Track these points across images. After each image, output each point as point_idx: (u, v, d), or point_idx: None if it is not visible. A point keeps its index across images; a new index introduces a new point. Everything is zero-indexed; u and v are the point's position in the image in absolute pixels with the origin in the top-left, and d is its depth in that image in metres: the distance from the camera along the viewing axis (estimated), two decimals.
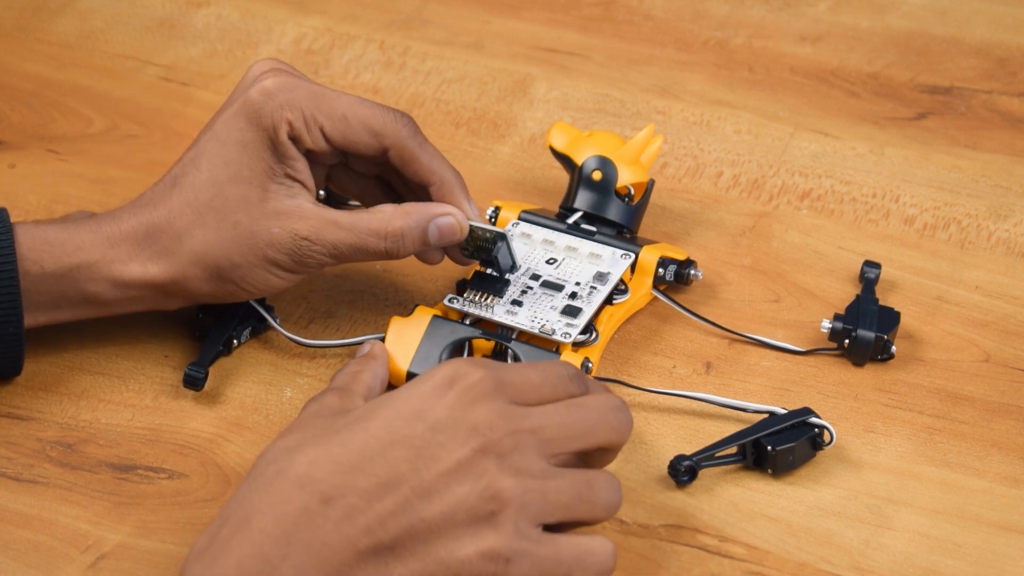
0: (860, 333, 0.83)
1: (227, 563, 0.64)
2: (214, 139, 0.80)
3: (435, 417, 0.67)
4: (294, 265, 0.80)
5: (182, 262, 0.79)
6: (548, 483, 0.67)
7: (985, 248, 0.92)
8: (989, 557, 0.74)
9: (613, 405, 0.70)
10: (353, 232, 0.80)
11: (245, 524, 0.65)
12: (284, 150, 0.79)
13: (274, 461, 0.67)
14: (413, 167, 0.82)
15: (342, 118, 0.80)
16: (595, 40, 1.09)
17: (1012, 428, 0.81)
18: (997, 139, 1.00)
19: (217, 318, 0.83)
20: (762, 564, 0.74)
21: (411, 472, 0.66)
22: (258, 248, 0.79)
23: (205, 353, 0.82)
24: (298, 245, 0.79)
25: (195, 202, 0.79)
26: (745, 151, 0.99)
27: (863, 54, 1.07)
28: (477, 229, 0.81)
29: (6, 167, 0.98)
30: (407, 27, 1.11)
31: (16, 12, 1.12)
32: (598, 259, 0.85)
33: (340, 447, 0.67)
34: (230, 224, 0.79)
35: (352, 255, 0.80)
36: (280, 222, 0.79)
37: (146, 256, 0.79)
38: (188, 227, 0.79)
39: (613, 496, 0.69)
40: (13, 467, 0.78)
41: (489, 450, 0.67)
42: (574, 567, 0.68)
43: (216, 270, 0.79)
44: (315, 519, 0.65)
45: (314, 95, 0.80)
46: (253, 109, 0.79)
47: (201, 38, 1.10)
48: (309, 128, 0.80)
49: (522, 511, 0.67)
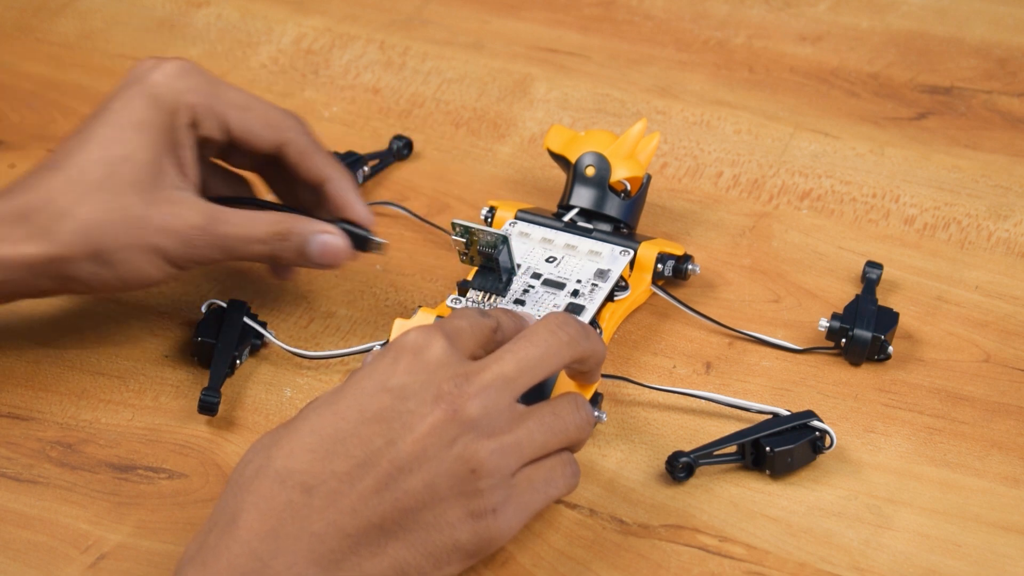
0: (857, 333, 0.83)
1: (218, 565, 0.64)
2: (107, 122, 0.78)
3: (398, 384, 0.68)
4: (179, 256, 0.78)
5: (61, 240, 0.76)
6: (519, 432, 0.69)
7: (985, 248, 0.92)
8: (989, 557, 0.74)
9: (556, 323, 0.72)
10: (241, 227, 0.79)
11: (232, 525, 0.65)
12: (180, 136, 0.79)
13: (252, 460, 0.67)
14: (308, 163, 0.81)
15: (243, 108, 0.80)
16: (595, 40, 1.09)
17: (1012, 428, 0.81)
18: (997, 139, 1.00)
19: (217, 341, 0.83)
20: (762, 564, 0.74)
21: (387, 446, 0.66)
22: (147, 233, 0.77)
23: (215, 377, 0.81)
24: (189, 235, 0.77)
25: (81, 181, 0.77)
26: (745, 151, 0.99)
27: (863, 54, 1.07)
28: (477, 232, 0.81)
29: (6, 167, 0.98)
30: (407, 27, 1.11)
31: (16, 12, 1.12)
32: (597, 256, 0.85)
33: (312, 435, 0.67)
34: (120, 205, 0.77)
35: (237, 251, 0.79)
36: (173, 210, 0.77)
37: (19, 236, 0.76)
38: (71, 206, 0.76)
39: (581, 417, 0.72)
40: (13, 467, 0.78)
41: (459, 412, 0.67)
42: (549, 490, 0.71)
43: (97, 251, 0.77)
44: (299, 511, 0.65)
45: (215, 84, 0.80)
46: (154, 91, 0.78)
47: (201, 38, 1.10)
48: (212, 114, 0.79)
49: (500, 466, 0.68)
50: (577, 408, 0.72)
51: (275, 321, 0.86)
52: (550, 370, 0.71)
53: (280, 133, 0.81)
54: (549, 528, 0.75)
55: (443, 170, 0.98)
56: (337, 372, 0.84)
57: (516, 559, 0.73)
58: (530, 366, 0.70)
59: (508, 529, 0.69)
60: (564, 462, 0.72)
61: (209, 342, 0.82)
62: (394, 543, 0.67)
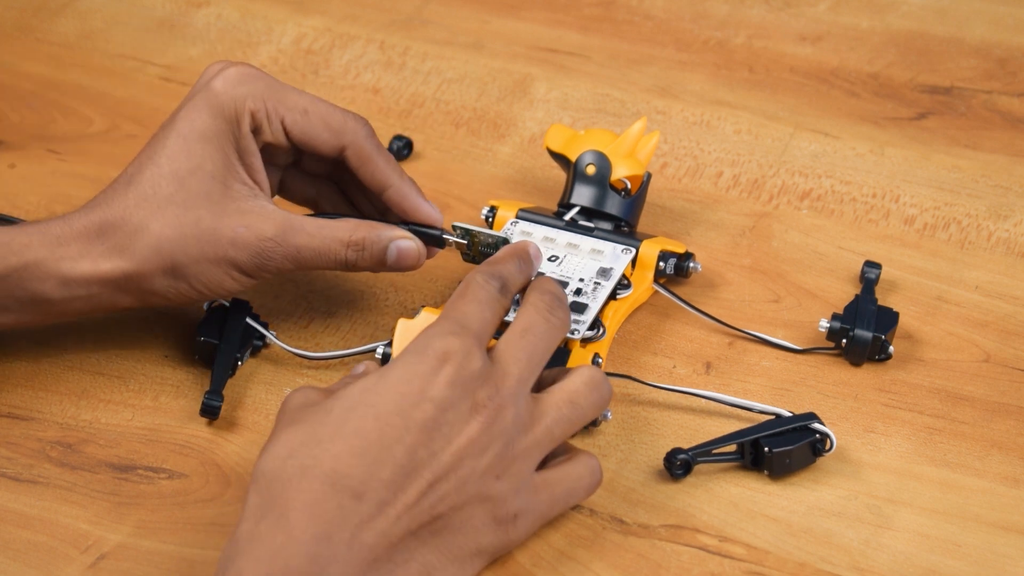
0: (857, 333, 0.83)
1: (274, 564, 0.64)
2: (174, 134, 0.79)
3: (440, 396, 0.68)
4: (252, 267, 0.79)
5: (137, 257, 0.77)
6: (538, 431, 0.71)
7: (985, 248, 0.92)
8: (989, 557, 0.74)
9: (548, 310, 0.73)
10: (316, 237, 0.79)
11: (283, 520, 0.65)
12: (246, 144, 0.79)
13: (291, 455, 0.67)
14: (369, 168, 0.81)
15: (303, 112, 0.80)
16: (595, 40, 1.09)
17: (1012, 428, 0.81)
18: (997, 139, 1.00)
19: (219, 342, 0.83)
20: (762, 564, 0.74)
21: (429, 457, 0.68)
22: (220, 246, 0.78)
23: (217, 380, 0.81)
24: (262, 246, 0.78)
25: (154, 197, 0.77)
26: (745, 151, 0.99)
27: (863, 54, 1.07)
28: (479, 235, 0.81)
29: (6, 167, 0.98)
30: (407, 27, 1.11)
31: (16, 12, 1.12)
32: (600, 255, 0.85)
33: (357, 438, 0.67)
34: (192, 220, 0.77)
35: (312, 261, 0.79)
36: (245, 221, 0.78)
37: (98, 252, 0.77)
38: (145, 221, 0.77)
39: (600, 396, 0.73)
40: (13, 467, 0.78)
41: (493, 424, 0.69)
42: (569, 498, 0.73)
43: (172, 266, 0.78)
44: (350, 517, 0.66)
45: (275, 88, 0.80)
46: (216, 100, 0.79)
47: (201, 38, 1.10)
48: (270, 120, 0.79)
49: (522, 469, 0.70)
50: (591, 390, 0.73)
51: (276, 321, 0.86)
52: (551, 354, 0.73)
53: (340, 138, 0.81)
54: (549, 528, 0.75)
55: (443, 170, 0.98)
56: (338, 372, 0.84)
57: (516, 559, 0.73)
58: (540, 361, 0.73)
59: (526, 533, 0.72)
60: (586, 471, 0.74)
61: (211, 342, 0.82)
62: (423, 548, 0.68)
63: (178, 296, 0.79)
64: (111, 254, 0.77)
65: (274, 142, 0.80)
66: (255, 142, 0.80)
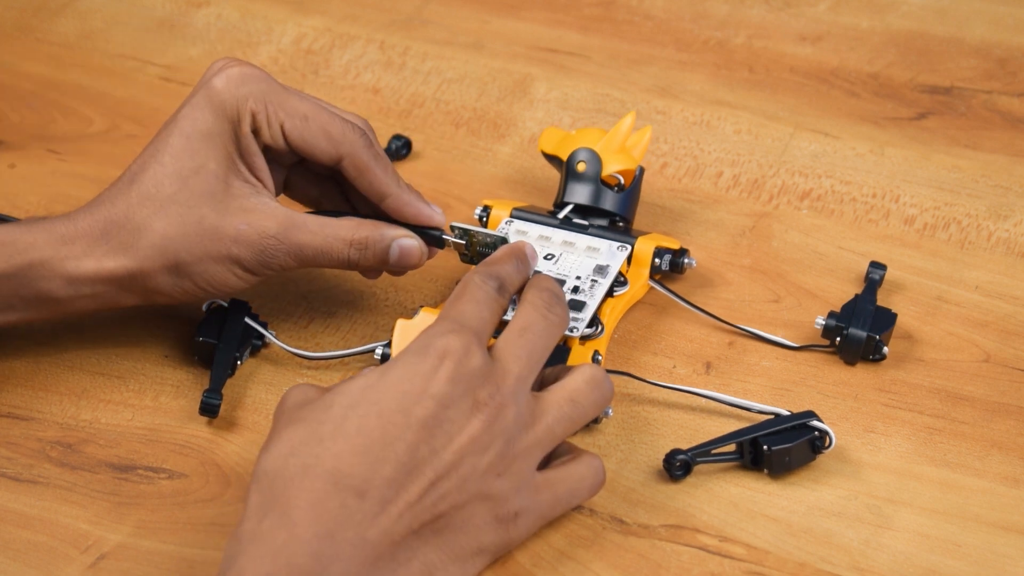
0: (851, 331, 0.83)
1: (278, 561, 0.65)
2: (176, 132, 0.79)
3: (440, 393, 0.69)
4: (256, 265, 0.79)
5: (141, 255, 0.78)
6: (539, 430, 0.71)
7: (985, 248, 0.92)
8: (989, 557, 0.74)
9: (546, 307, 0.74)
10: (319, 235, 0.79)
11: (285, 518, 0.65)
12: (247, 143, 0.79)
13: (292, 453, 0.67)
14: (367, 178, 0.81)
15: (303, 118, 0.80)
16: (595, 40, 1.09)
17: (1012, 428, 0.81)
18: (997, 139, 1.00)
19: (217, 341, 0.83)
20: (762, 564, 0.74)
21: (431, 454, 0.68)
22: (223, 244, 0.78)
23: (216, 379, 0.81)
24: (264, 244, 0.78)
25: (157, 195, 0.78)
26: (745, 151, 0.99)
27: (863, 54, 1.07)
28: (477, 235, 0.81)
29: (6, 167, 0.98)
30: (407, 27, 1.11)
31: (16, 12, 1.12)
32: (596, 252, 0.85)
33: (359, 436, 0.67)
34: (195, 218, 0.78)
35: (315, 259, 0.80)
36: (247, 219, 0.78)
37: (102, 251, 0.78)
38: (148, 220, 0.78)
39: (601, 395, 0.73)
40: (13, 467, 0.78)
41: (495, 422, 0.69)
42: (571, 498, 0.74)
43: (175, 264, 0.78)
44: (353, 515, 0.66)
45: (277, 91, 0.80)
46: (218, 98, 0.79)
47: (201, 38, 1.10)
48: (270, 123, 0.79)
49: (523, 468, 0.71)
50: (592, 389, 0.73)
51: (275, 321, 0.86)
52: (551, 351, 0.73)
53: (338, 148, 0.80)
54: (549, 528, 0.75)
55: (443, 170, 0.98)
56: (338, 372, 0.84)
57: (516, 559, 0.73)
58: (540, 358, 0.73)
59: (527, 532, 0.72)
60: (589, 472, 0.74)
61: (210, 342, 0.82)
62: (424, 547, 0.68)
63: (182, 294, 0.79)
64: (115, 253, 0.78)
65: (273, 145, 0.80)
66: (256, 142, 0.80)
